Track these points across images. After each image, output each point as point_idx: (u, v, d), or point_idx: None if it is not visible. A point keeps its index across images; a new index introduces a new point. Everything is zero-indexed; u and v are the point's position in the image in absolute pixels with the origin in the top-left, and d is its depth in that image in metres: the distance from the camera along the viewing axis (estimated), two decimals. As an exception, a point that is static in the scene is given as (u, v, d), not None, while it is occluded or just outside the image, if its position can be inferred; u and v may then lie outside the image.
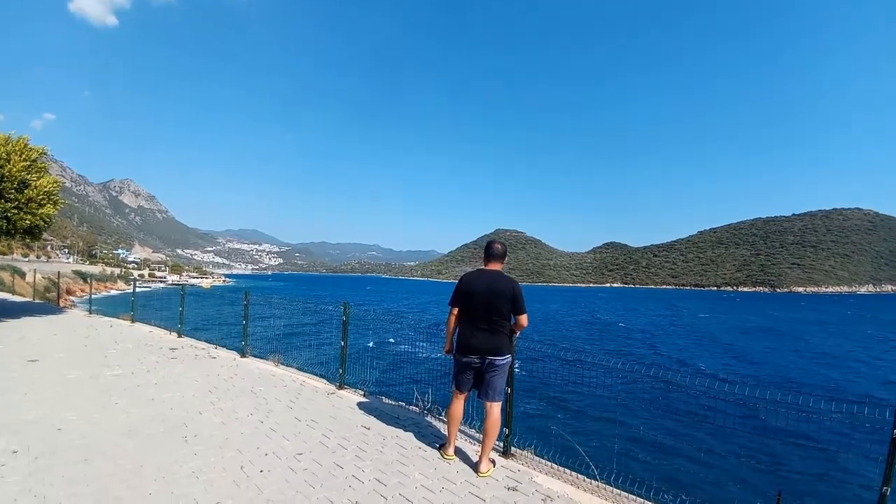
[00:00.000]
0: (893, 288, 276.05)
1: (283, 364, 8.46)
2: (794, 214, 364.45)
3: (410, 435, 5.07)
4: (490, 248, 4.41)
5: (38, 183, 12.33)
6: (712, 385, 4.41)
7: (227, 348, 9.97)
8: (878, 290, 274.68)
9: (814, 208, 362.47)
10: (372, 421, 5.50)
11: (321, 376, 7.62)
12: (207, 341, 10.70)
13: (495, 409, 4.21)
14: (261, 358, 9.07)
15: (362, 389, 6.81)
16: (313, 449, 4.61)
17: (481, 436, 4.35)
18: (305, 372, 7.97)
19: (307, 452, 4.51)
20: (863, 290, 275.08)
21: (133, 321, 14.18)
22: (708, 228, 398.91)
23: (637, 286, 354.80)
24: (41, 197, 12.34)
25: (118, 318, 15.40)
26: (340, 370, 6.89)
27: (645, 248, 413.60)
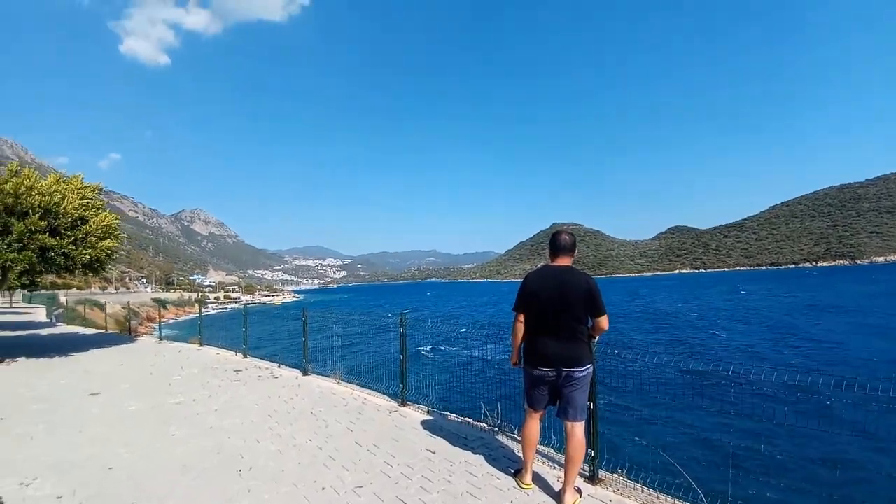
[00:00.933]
0: None
1: (344, 381, 8.14)
2: (867, 180, 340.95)
3: (480, 458, 4.53)
4: (556, 240, 3.76)
5: (96, 219, 12.61)
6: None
7: (290, 366, 9.77)
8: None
9: (887, 171, 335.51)
10: (437, 443, 4.99)
11: (383, 393, 7.21)
12: (271, 360, 10.57)
13: (578, 430, 3.59)
14: (322, 375, 8.79)
15: (425, 405, 6.35)
16: (374, 479, 4.16)
17: (563, 458, 3.79)
18: (367, 388, 7.59)
19: (367, 485, 4.05)
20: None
21: (201, 344, 14.32)
22: (780, 202, 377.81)
23: (708, 270, 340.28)
24: (100, 231, 12.62)
25: (188, 342, 15.68)
26: (401, 385, 6.45)
27: (714, 229, 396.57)
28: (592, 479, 4.02)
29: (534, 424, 3.81)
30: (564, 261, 3.72)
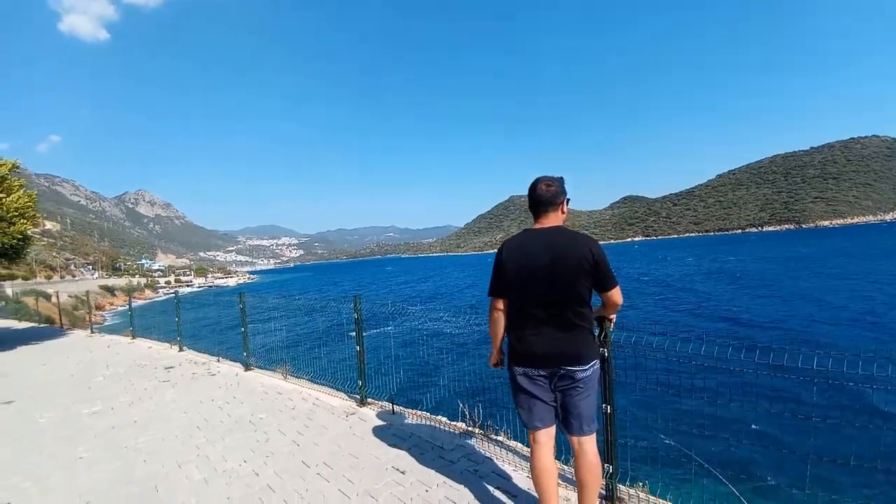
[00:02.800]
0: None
1: (292, 376, 7.01)
2: (812, 148, 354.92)
3: (465, 478, 3.51)
4: (535, 193, 2.68)
5: (6, 200, 10.97)
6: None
7: (231, 360, 8.55)
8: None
9: (831, 139, 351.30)
10: (406, 459, 3.93)
11: (338, 390, 6.11)
12: (210, 353, 9.29)
13: (589, 446, 2.60)
14: (267, 370, 7.63)
15: (388, 403, 5.28)
16: (326, 522, 3.11)
17: (573, 474, 2.83)
18: (319, 385, 6.48)
19: (316, 532, 3.01)
20: (889, 217, 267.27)
21: (133, 337, 12.89)
22: (727, 171, 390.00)
23: (660, 237, 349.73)
24: (12, 215, 11.01)
25: (122, 334, 14.20)
26: (360, 382, 5.38)
27: (664, 197, 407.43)
28: (610, 497, 3.10)
29: (544, 455, 2.62)
30: (551, 220, 2.66)
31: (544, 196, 2.64)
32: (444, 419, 4.78)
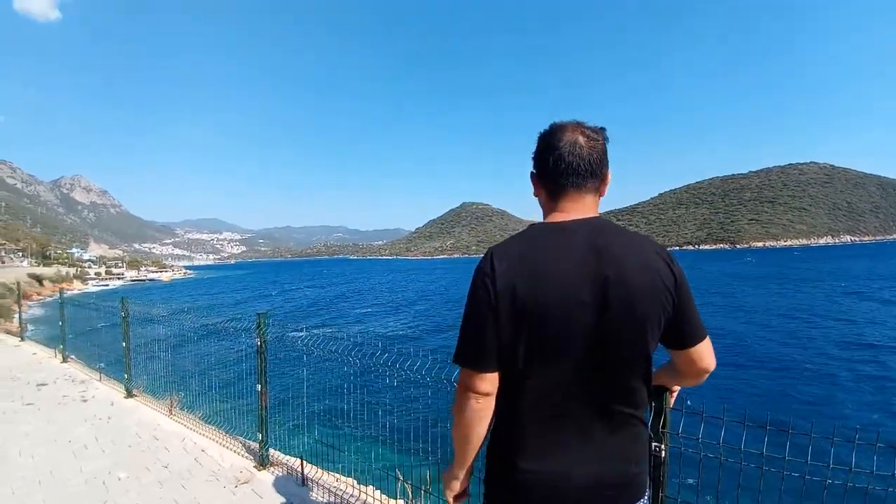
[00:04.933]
0: (852, 238, 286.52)
1: (180, 410, 5.45)
2: (751, 171, 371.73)
3: None
4: (573, 151, 1.32)
5: None
6: None
7: (116, 380, 6.89)
8: (836, 240, 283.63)
9: (771, 164, 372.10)
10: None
11: (233, 436, 4.61)
12: (95, 368, 7.53)
13: None
14: (153, 398, 6.03)
15: (298, 461, 3.83)
16: None
17: None
18: (211, 427, 4.95)
19: None
20: (821, 241, 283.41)
21: (22, 338, 10.94)
22: (668, 190, 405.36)
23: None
24: None
25: (10, 333, 12.16)
26: (260, 434, 3.92)
27: (608, 212, 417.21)
28: None
29: None
30: (587, 207, 1.37)
31: (584, 156, 1.33)
32: (377, 494, 3.42)
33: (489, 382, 1.28)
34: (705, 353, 1.34)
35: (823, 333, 22.44)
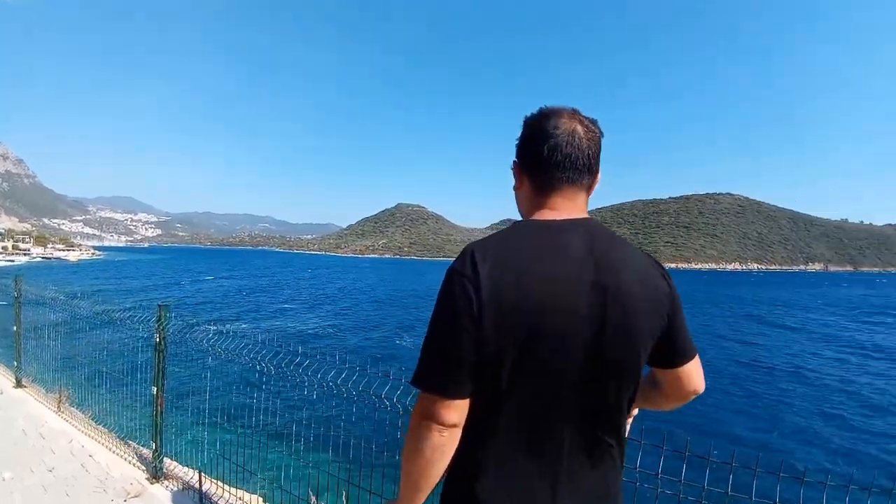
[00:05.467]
0: (759, 266, 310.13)
1: (70, 405, 4.84)
2: (671, 197, 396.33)
3: None
4: (571, 141, 1.13)
5: None
6: None
7: (7, 366, 6.06)
8: (744, 267, 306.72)
9: (690, 192, 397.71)
10: None
11: (127, 442, 4.08)
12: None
13: None
14: (42, 390, 5.33)
15: (196, 472, 3.38)
16: None
17: None
18: (102, 428, 4.36)
19: None
20: (730, 267, 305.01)
21: None
22: (594, 209, 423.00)
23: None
24: None
25: None
26: (154, 444, 3.45)
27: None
28: None
29: None
30: (578, 206, 1.18)
31: (584, 149, 1.14)
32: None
33: (458, 412, 1.04)
34: (695, 373, 1.21)
35: (724, 354, 23.99)
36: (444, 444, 1.04)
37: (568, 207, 1.15)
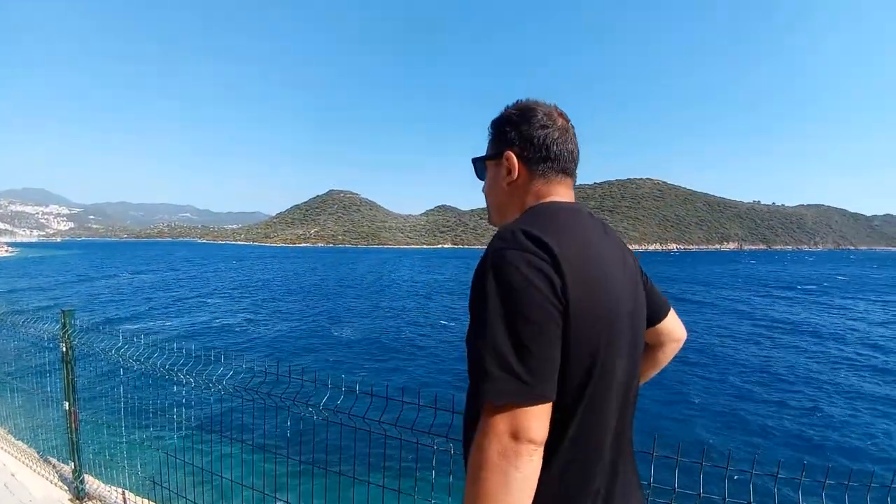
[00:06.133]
0: (677, 247, 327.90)
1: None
2: (595, 183, 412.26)
3: None
4: (572, 137, 1.13)
5: None
6: None
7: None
8: (664, 248, 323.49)
9: (613, 178, 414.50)
10: None
11: (46, 458, 3.72)
12: None
13: None
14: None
15: (120, 491, 3.12)
16: None
17: None
18: (24, 444, 3.97)
19: None
20: (651, 247, 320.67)
21: None
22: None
23: (466, 247, 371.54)
24: None
25: None
26: (73, 463, 3.15)
27: (473, 210, 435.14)
28: None
29: None
30: (572, 195, 1.13)
31: (576, 143, 1.15)
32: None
33: (545, 423, 0.83)
34: (677, 321, 1.29)
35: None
36: (535, 470, 0.81)
37: (571, 197, 1.12)
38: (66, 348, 3.05)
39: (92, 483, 3.32)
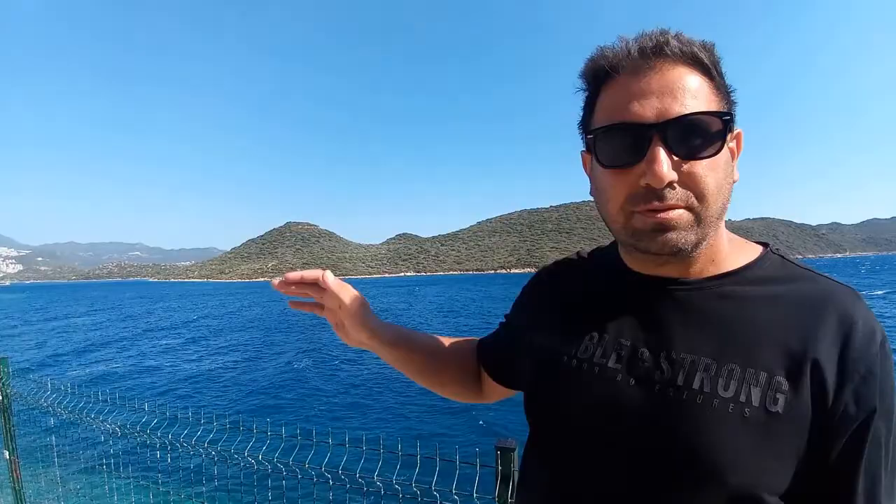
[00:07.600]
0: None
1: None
2: (551, 206, 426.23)
3: None
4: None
5: None
6: None
7: None
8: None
9: (567, 201, 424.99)
10: None
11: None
12: None
13: None
14: None
15: None
16: None
17: None
18: None
19: None
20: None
21: None
22: (485, 219, 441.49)
23: (428, 273, 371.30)
24: None
25: None
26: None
27: (434, 237, 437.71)
28: None
29: None
30: None
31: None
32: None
33: None
34: None
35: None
36: None
37: None
38: (2, 397, 2.92)
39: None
